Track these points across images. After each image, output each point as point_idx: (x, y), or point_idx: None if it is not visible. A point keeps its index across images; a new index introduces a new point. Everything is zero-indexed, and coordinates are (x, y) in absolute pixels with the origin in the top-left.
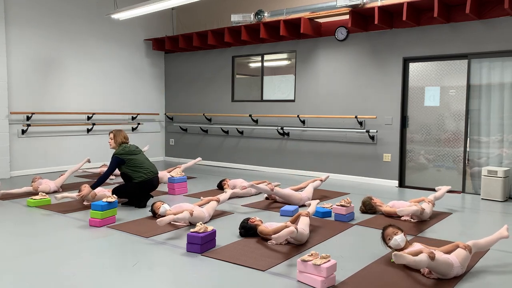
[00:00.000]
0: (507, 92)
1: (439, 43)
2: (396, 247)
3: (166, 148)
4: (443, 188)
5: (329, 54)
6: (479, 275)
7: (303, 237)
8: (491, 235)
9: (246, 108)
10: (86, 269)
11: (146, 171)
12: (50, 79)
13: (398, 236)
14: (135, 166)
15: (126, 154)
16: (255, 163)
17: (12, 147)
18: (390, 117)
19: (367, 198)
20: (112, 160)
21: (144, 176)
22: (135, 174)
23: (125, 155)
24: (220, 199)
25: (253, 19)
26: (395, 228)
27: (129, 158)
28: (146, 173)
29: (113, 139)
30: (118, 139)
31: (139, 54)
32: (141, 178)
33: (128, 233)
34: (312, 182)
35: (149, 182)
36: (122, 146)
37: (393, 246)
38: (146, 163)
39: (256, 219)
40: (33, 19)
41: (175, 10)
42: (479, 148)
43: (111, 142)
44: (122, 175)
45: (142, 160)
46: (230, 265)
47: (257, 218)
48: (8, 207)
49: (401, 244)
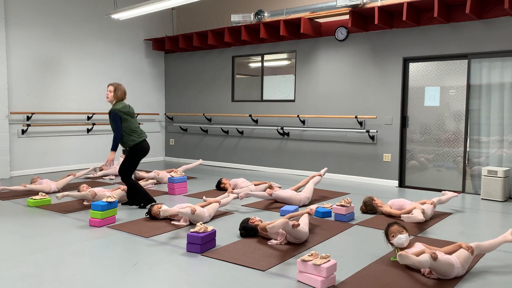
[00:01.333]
0: (507, 92)
1: (439, 43)
2: (399, 246)
3: (166, 148)
4: (450, 194)
5: (329, 54)
6: (480, 275)
7: (302, 235)
8: (495, 238)
9: (246, 108)
10: (86, 269)
11: (138, 135)
12: (50, 79)
13: (403, 235)
14: (128, 128)
15: (125, 113)
16: (255, 163)
17: (12, 147)
18: (390, 117)
19: (368, 198)
20: (115, 117)
21: (136, 140)
22: (127, 138)
23: (124, 114)
24: (221, 202)
25: (253, 19)
26: (400, 227)
27: (125, 118)
28: (138, 136)
29: (113, 92)
30: (118, 94)
31: (139, 54)
32: (133, 142)
33: (128, 233)
34: (312, 179)
35: (141, 146)
36: (122, 103)
37: (397, 244)
38: (139, 128)
39: (256, 219)
40: (33, 19)
41: (175, 10)
42: (479, 148)
43: (109, 96)
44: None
45: (136, 125)
46: (230, 265)
47: (257, 218)
48: (8, 207)
49: (405, 244)
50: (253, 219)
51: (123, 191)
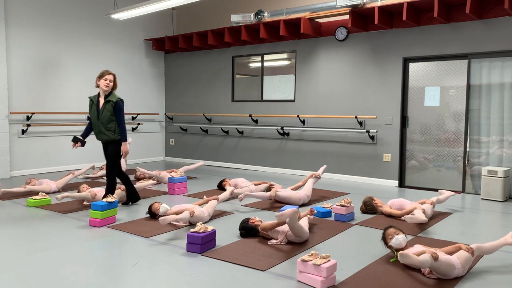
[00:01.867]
0: (507, 92)
1: (439, 43)
2: (397, 246)
3: (166, 148)
4: (447, 193)
5: (329, 54)
6: (480, 275)
7: (304, 234)
8: (496, 241)
9: (246, 108)
10: (86, 269)
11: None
12: (50, 79)
13: (400, 235)
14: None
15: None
16: (255, 163)
17: (12, 147)
18: (390, 117)
19: (368, 198)
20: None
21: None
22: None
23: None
24: (219, 198)
25: (253, 19)
26: (396, 229)
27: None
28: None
29: (113, 81)
30: (115, 84)
31: (139, 54)
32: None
33: (128, 233)
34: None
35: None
36: (117, 94)
37: (395, 245)
38: None
39: (256, 219)
40: (33, 19)
41: (175, 10)
42: (479, 148)
43: (109, 85)
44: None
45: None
46: (230, 265)
47: (256, 218)
48: (8, 207)
49: (403, 244)
50: (253, 219)
51: (123, 191)
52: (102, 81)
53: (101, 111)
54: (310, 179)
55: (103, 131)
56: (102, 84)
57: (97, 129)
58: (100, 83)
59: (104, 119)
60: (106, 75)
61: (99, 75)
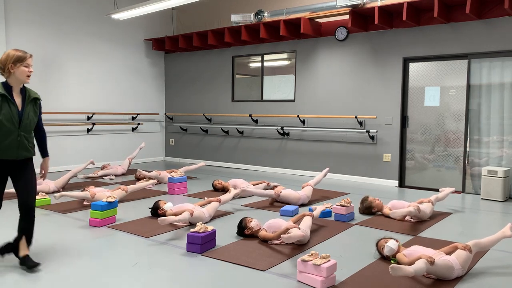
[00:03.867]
0: (507, 92)
1: (439, 43)
2: (391, 253)
3: (166, 148)
4: (446, 190)
5: (329, 54)
6: (479, 275)
7: (305, 238)
8: (494, 234)
9: (246, 108)
10: (86, 269)
11: None
12: (50, 79)
13: (389, 242)
14: None
15: None
16: (255, 163)
17: None
18: (390, 117)
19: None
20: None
21: None
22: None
23: None
24: (221, 200)
25: (253, 19)
26: (384, 238)
27: None
28: None
29: None
30: None
31: (139, 54)
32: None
33: (128, 233)
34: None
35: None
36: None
37: (388, 253)
38: None
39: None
40: (33, 19)
41: (175, 10)
42: (479, 148)
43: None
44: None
45: None
46: (230, 265)
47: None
48: (8, 207)
49: (394, 248)
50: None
51: (123, 191)
52: (22, 68)
53: (25, 115)
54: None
55: (25, 144)
56: (23, 73)
57: (15, 142)
58: (18, 70)
59: (29, 127)
60: (28, 58)
61: (15, 59)
